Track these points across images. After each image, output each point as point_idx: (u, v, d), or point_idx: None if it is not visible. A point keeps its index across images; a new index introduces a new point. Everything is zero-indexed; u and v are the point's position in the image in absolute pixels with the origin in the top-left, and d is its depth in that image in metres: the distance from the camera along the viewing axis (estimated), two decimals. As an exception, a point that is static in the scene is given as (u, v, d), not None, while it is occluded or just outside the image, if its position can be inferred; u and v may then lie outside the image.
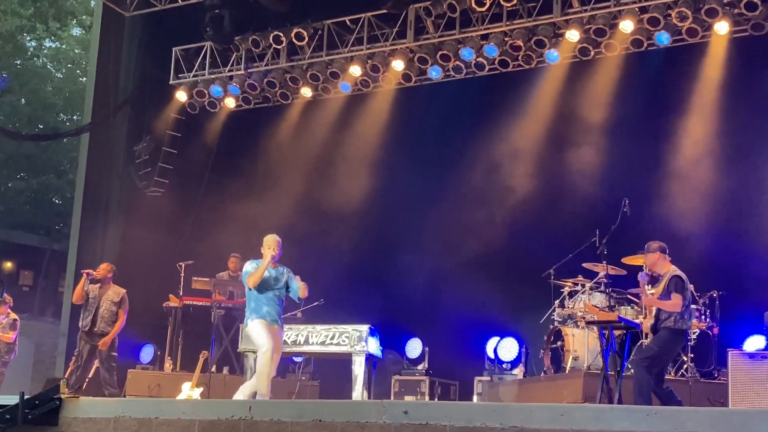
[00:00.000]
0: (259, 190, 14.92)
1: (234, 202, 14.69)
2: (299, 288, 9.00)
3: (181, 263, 13.16)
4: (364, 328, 9.89)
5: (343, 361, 9.96)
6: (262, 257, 9.00)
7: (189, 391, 11.45)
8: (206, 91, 15.03)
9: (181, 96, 15.17)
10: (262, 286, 8.93)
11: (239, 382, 11.62)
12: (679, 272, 8.73)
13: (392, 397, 12.25)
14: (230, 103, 15.14)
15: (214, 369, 12.46)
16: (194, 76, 15.15)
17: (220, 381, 12.20)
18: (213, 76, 15.01)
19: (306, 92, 14.67)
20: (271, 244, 9.07)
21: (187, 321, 13.14)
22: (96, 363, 11.74)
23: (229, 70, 14.91)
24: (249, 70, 14.75)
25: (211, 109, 15.27)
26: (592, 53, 12.88)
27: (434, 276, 13.79)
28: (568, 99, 13.42)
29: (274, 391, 11.31)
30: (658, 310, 8.68)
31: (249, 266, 9.04)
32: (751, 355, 10.03)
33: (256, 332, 8.82)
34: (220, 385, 12.05)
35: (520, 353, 12.65)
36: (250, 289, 8.95)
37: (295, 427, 6.41)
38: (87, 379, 11.91)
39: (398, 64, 13.76)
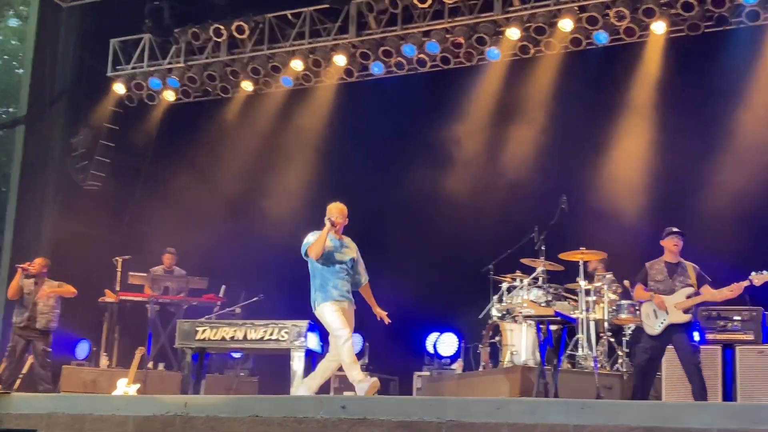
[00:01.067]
0: (198, 184, 14.77)
1: (173, 196, 14.53)
2: (362, 276, 8.73)
3: (117, 258, 12.98)
4: (304, 323, 9.81)
5: (282, 357, 9.88)
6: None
7: (125, 387, 11.29)
8: (144, 84, 14.86)
9: (119, 88, 14.98)
10: (327, 259, 8.44)
11: (176, 378, 11.58)
12: None
13: (332, 393, 12.23)
14: (169, 96, 14.98)
15: (150, 365, 12.32)
16: (133, 68, 14.98)
17: (157, 377, 12.08)
18: (152, 69, 14.86)
19: (247, 86, 14.59)
20: (331, 210, 8.52)
21: (124, 317, 12.97)
22: (30, 359, 11.56)
23: (169, 63, 14.77)
24: (189, 63, 14.61)
25: (150, 101, 15.12)
26: (533, 51, 13.00)
27: (374, 271, 13.76)
28: (508, 97, 13.52)
29: (212, 389, 11.27)
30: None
31: (310, 237, 8.54)
32: (685, 350, 10.18)
33: (329, 318, 8.37)
34: (157, 381, 11.93)
35: (459, 348, 12.73)
36: (314, 262, 8.44)
37: (231, 423, 6.34)
38: (21, 375, 11.73)
39: (340, 59, 13.75)
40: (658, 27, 12.21)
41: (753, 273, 8.70)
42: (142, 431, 6.58)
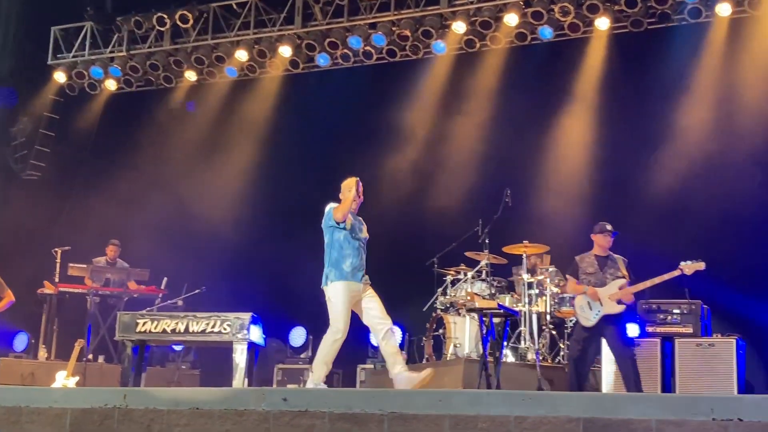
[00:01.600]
0: (140, 175, 14.59)
1: (114, 187, 14.33)
2: None
3: (57, 249, 12.74)
4: (247, 316, 9.77)
5: (225, 350, 9.81)
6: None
7: (64, 380, 11.13)
8: (86, 73, 14.66)
9: (60, 77, 14.76)
10: (349, 232, 8.12)
11: (116, 371, 11.42)
12: None
13: (275, 386, 12.17)
14: (111, 85, 14.79)
15: (90, 357, 12.14)
16: (74, 56, 14.76)
17: (97, 370, 11.90)
18: (93, 57, 14.65)
19: (190, 76, 14.45)
20: (351, 184, 8.26)
21: (63, 308, 12.75)
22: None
23: (111, 52, 14.57)
24: (131, 52, 14.42)
25: (91, 91, 14.90)
26: (478, 45, 13.06)
27: (319, 264, 13.71)
28: (454, 90, 13.56)
29: (152, 382, 11.15)
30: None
31: (333, 203, 8.26)
32: (625, 343, 10.28)
33: (337, 305, 7.97)
34: (96, 374, 11.76)
35: (402, 341, 12.72)
36: (335, 229, 8.12)
37: (171, 416, 6.26)
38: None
39: (286, 50, 13.68)
40: (602, 23, 12.33)
41: (682, 262, 8.81)
42: (80, 423, 6.46)
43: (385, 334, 8.09)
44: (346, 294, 8.04)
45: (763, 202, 11.35)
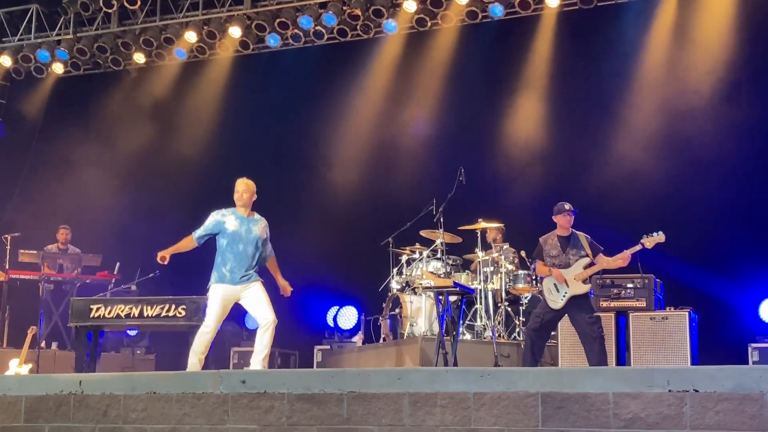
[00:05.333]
0: (89, 159, 14.39)
1: (63, 171, 14.14)
2: (269, 258, 8.70)
3: (6, 236, 12.53)
4: (202, 299, 9.67)
5: (180, 334, 9.74)
6: (235, 205, 8.51)
7: (17, 368, 10.97)
8: (32, 56, 14.41)
9: (5, 61, 14.49)
10: (231, 239, 8.40)
11: (69, 357, 11.29)
12: None
13: (231, 369, 12.12)
14: (58, 68, 14.54)
15: (43, 345, 11.99)
16: (19, 40, 14.47)
17: (50, 357, 11.74)
18: (39, 41, 14.38)
19: (139, 58, 14.26)
20: (237, 187, 8.52)
21: (14, 295, 12.57)
22: None
23: (57, 34, 14.32)
24: (78, 35, 14.18)
25: (38, 74, 14.66)
26: (429, 24, 13.04)
27: (273, 246, 13.66)
28: (405, 69, 13.54)
29: (107, 367, 11.04)
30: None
31: (210, 218, 8.62)
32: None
33: (209, 303, 8.41)
34: (50, 361, 11.60)
35: (359, 321, 12.76)
36: (220, 235, 8.49)
37: (128, 401, 6.22)
38: None
39: (235, 31, 13.54)
40: (552, 0, 12.37)
41: (644, 236, 8.87)
42: (35, 411, 6.40)
43: (264, 327, 8.39)
44: (219, 296, 8.38)
45: (712, 177, 11.50)
